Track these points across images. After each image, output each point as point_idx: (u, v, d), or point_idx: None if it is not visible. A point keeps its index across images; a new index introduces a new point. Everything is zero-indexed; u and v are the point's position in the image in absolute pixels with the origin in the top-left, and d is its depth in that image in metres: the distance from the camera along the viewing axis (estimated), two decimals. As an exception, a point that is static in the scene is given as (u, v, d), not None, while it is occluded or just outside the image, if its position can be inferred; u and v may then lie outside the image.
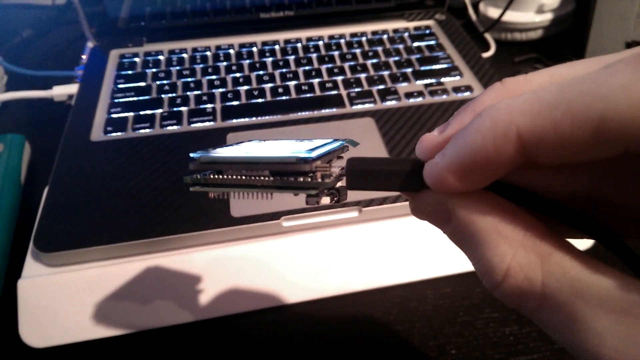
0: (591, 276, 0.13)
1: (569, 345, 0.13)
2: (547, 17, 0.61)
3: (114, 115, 0.46)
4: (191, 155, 0.19)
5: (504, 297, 0.14)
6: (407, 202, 0.36)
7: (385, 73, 0.51)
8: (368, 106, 0.47)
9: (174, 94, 0.48)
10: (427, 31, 0.57)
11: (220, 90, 0.49)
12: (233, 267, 0.36)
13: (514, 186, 0.15)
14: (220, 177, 0.18)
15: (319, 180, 0.17)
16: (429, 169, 0.15)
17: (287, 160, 0.17)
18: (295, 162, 0.17)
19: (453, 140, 0.14)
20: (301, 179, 0.17)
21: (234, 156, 0.18)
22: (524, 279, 0.13)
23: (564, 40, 0.64)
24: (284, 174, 0.17)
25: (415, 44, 0.55)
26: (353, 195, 0.36)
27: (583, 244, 0.27)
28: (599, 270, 0.13)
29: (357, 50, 0.54)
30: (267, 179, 0.17)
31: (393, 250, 0.37)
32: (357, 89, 0.49)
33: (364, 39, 0.56)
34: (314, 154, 0.17)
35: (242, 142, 0.23)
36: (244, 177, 0.18)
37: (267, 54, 0.54)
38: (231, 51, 0.54)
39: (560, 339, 0.13)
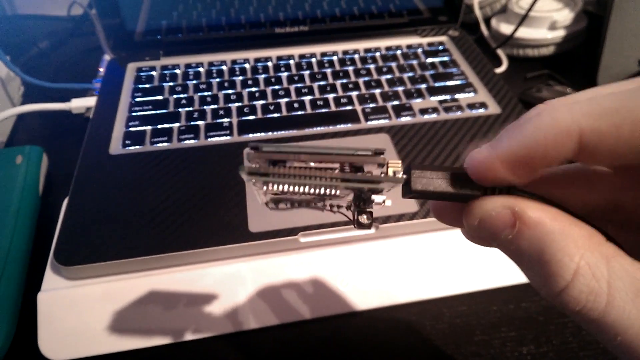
0: None
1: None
2: (560, 33, 0.61)
3: (132, 129, 0.46)
4: (250, 145, 0.16)
5: (571, 299, 0.14)
6: (423, 220, 0.37)
7: (400, 89, 0.51)
8: (383, 122, 0.47)
9: (191, 108, 0.49)
10: (441, 47, 0.58)
11: (237, 104, 0.49)
12: (250, 282, 0.36)
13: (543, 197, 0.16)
14: (283, 168, 0.16)
15: (392, 175, 0.16)
16: (476, 156, 0.16)
17: (362, 152, 0.16)
18: (372, 154, 0.16)
19: (507, 133, 0.15)
20: (374, 173, 0.16)
21: (301, 145, 0.16)
22: (591, 278, 0.14)
23: (577, 56, 0.64)
24: (356, 168, 0.16)
25: (429, 59, 0.56)
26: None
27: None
28: None
29: (372, 66, 0.55)
30: (335, 171, 0.16)
31: (409, 267, 0.37)
32: (372, 105, 0.49)
33: (377, 54, 0.57)
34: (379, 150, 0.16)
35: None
36: (309, 169, 0.16)
37: (282, 69, 0.54)
38: (247, 65, 0.55)
39: (624, 341, 0.14)
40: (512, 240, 0.15)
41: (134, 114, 0.48)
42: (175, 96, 0.50)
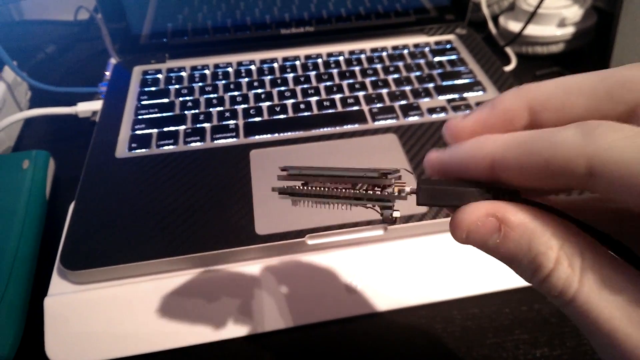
0: (616, 274, 0.15)
1: (594, 338, 0.16)
2: (569, 30, 0.61)
3: (138, 132, 0.46)
4: (280, 167, 0.20)
5: (552, 285, 0.16)
6: (432, 221, 0.36)
7: (407, 88, 0.51)
8: (390, 122, 0.46)
9: (196, 110, 0.49)
10: (448, 46, 0.57)
11: (243, 106, 0.49)
12: (257, 285, 0.36)
13: (539, 202, 0.18)
14: (306, 188, 0.20)
15: (396, 193, 0.19)
16: (429, 156, 0.20)
17: (370, 174, 0.19)
18: (378, 176, 0.19)
19: (451, 147, 0.19)
20: (380, 192, 0.19)
21: (319, 169, 0.20)
22: (568, 266, 0.16)
23: (586, 53, 0.63)
24: (365, 188, 0.19)
25: (437, 58, 0.55)
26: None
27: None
28: (621, 269, 0.16)
29: (378, 66, 0.54)
30: (349, 191, 0.19)
31: (418, 269, 0.37)
32: (379, 105, 0.49)
33: (384, 54, 0.56)
34: (391, 170, 0.19)
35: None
36: (327, 189, 0.20)
37: (288, 70, 0.54)
38: (252, 67, 0.54)
39: (586, 331, 0.16)
40: (500, 244, 0.17)
41: (140, 117, 0.48)
42: (181, 99, 0.50)
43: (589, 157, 0.15)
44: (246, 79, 0.53)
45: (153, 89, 0.52)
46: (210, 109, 0.49)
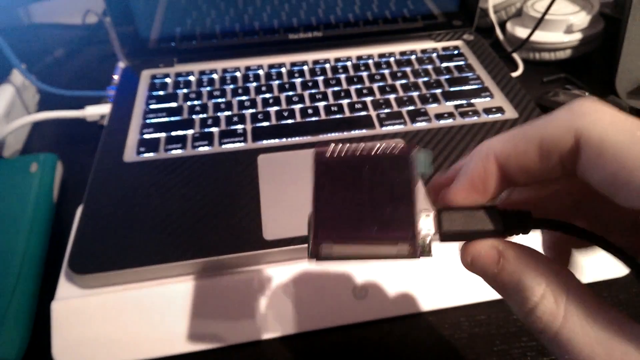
0: (599, 312, 0.17)
1: None
2: (576, 37, 0.60)
3: (146, 136, 0.46)
4: (315, 250, 0.20)
5: (536, 318, 0.17)
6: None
7: (415, 94, 0.51)
8: (398, 127, 0.46)
9: (204, 115, 0.49)
10: (456, 51, 0.57)
11: (251, 111, 0.49)
12: (264, 290, 0.35)
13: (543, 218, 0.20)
14: (340, 260, 0.20)
15: (420, 258, 0.20)
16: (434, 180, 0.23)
17: (401, 255, 0.20)
18: (407, 254, 0.20)
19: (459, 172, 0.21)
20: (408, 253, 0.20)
21: (352, 254, 0.20)
22: (553, 302, 0.17)
23: (593, 59, 0.63)
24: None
25: (444, 64, 0.55)
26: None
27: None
28: (604, 307, 0.17)
29: (386, 71, 0.54)
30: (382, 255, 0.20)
31: (425, 275, 0.37)
32: (386, 110, 0.48)
33: (392, 59, 0.56)
34: (422, 233, 0.20)
35: None
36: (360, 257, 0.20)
37: (296, 75, 0.54)
38: (260, 72, 0.55)
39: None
40: (497, 274, 0.19)
41: (148, 121, 0.48)
42: (189, 103, 0.50)
43: (576, 130, 0.17)
44: (254, 84, 0.53)
45: (161, 93, 0.52)
46: (218, 114, 0.49)
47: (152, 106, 0.50)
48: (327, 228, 0.20)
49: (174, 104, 0.50)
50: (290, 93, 0.51)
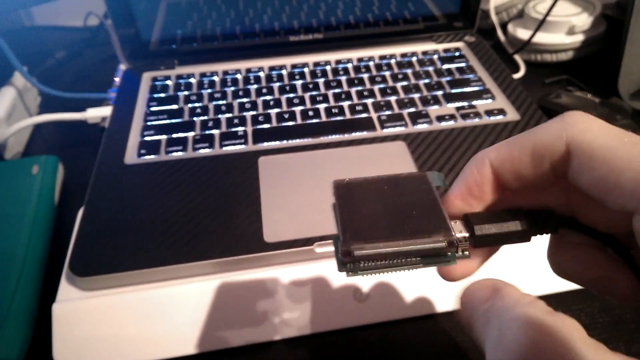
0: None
1: None
2: (578, 38, 0.60)
3: (147, 138, 0.46)
4: (346, 249, 0.19)
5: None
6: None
7: (416, 96, 0.50)
8: (399, 129, 0.46)
9: (205, 117, 0.49)
10: (457, 53, 0.57)
11: (251, 113, 0.49)
12: (265, 293, 0.35)
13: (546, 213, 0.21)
14: (373, 264, 0.20)
15: (460, 253, 0.21)
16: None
17: (438, 249, 0.19)
18: (445, 246, 0.19)
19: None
20: (446, 255, 0.20)
21: (386, 251, 0.19)
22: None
23: (595, 61, 0.63)
24: (432, 256, 0.20)
25: (445, 66, 0.55)
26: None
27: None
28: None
29: (387, 73, 0.54)
30: (415, 259, 0.20)
31: (429, 277, 0.36)
32: (387, 112, 0.48)
33: (393, 61, 0.56)
34: (457, 235, 0.20)
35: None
36: (394, 262, 0.20)
37: (297, 77, 0.54)
38: (261, 74, 0.55)
39: None
40: (488, 309, 0.18)
41: (149, 123, 0.48)
42: (190, 105, 0.50)
43: (567, 138, 0.18)
44: (255, 86, 0.53)
45: (162, 95, 0.52)
46: (219, 116, 0.49)
47: (153, 108, 0.50)
48: (356, 233, 0.20)
49: (174, 106, 0.50)
50: (291, 95, 0.51)
